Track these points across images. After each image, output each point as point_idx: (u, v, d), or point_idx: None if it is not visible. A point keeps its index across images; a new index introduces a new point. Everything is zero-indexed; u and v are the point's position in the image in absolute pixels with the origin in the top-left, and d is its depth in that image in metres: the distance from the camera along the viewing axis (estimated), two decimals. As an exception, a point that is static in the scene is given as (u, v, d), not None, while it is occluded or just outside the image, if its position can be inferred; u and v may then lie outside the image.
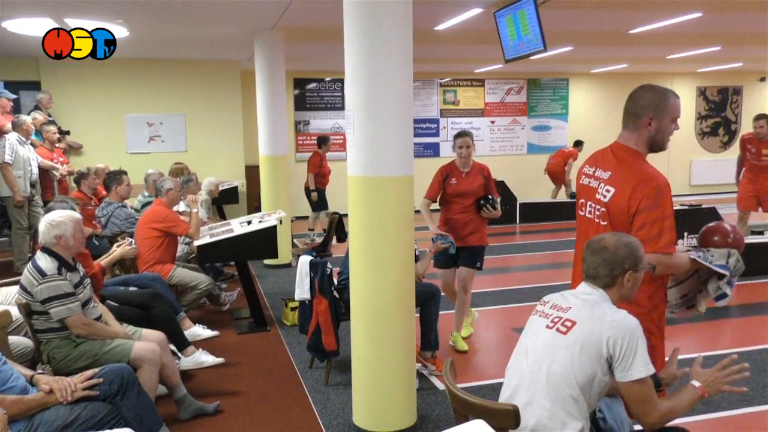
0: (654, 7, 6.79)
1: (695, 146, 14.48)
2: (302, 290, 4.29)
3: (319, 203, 9.42)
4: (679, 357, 4.54)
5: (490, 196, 4.67)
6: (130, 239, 4.64)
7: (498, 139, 13.56)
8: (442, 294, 4.55)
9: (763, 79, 14.79)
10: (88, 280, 3.47)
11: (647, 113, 2.43)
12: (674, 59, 11.68)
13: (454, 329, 4.92)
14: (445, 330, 5.05)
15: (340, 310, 4.16)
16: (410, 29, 3.22)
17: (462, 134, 4.80)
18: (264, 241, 5.18)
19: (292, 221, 8.68)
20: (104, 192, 6.53)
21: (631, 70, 13.40)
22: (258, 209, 8.16)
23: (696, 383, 2.14)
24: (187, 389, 3.69)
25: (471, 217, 4.66)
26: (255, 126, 8.16)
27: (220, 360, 4.35)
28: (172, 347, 4.12)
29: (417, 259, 4.08)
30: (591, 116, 13.64)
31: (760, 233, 7.49)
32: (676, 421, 2.19)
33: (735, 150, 14.90)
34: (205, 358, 4.31)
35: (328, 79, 12.36)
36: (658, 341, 2.44)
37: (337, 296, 4.18)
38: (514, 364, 2.19)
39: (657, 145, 2.48)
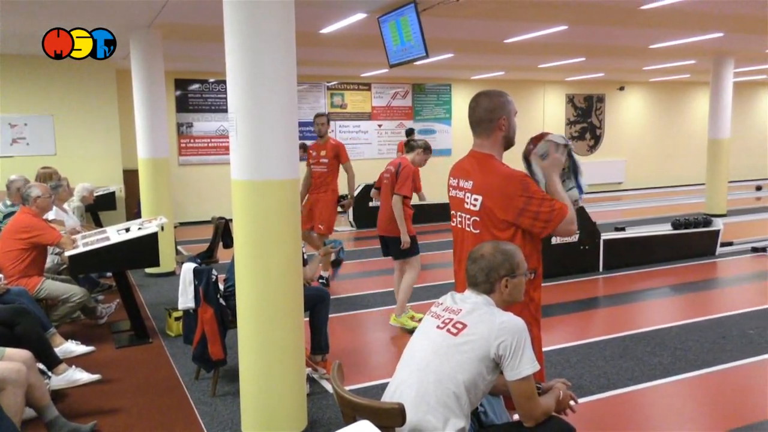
0: (525, 19, 7.23)
1: (566, 149, 15.55)
2: (186, 299, 4.13)
3: None
4: (556, 347, 4.85)
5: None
6: None
7: (386, 142, 13.81)
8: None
9: (621, 88, 16.18)
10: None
11: (500, 115, 2.55)
12: (545, 68, 12.49)
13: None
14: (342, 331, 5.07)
15: (227, 318, 4.05)
16: (293, 31, 3.20)
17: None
18: (144, 249, 4.93)
19: (175, 227, 8.33)
20: (-42, 200, 5.92)
21: (508, 77, 14.17)
22: (138, 215, 7.76)
23: (560, 392, 2.31)
24: (60, 410, 3.43)
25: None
26: (133, 128, 7.76)
27: (97, 377, 4.09)
28: (41, 366, 3.82)
29: (306, 262, 4.07)
30: (472, 121, 14.25)
31: (622, 229, 8.19)
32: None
33: (601, 153, 16.23)
34: (79, 376, 4.02)
35: (211, 80, 12.00)
36: (536, 332, 2.58)
37: (224, 304, 4.07)
38: (403, 361, 2.25)
39: (511, 141, 2.62)
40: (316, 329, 4.29)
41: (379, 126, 13.78)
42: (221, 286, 4.18)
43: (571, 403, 2.35)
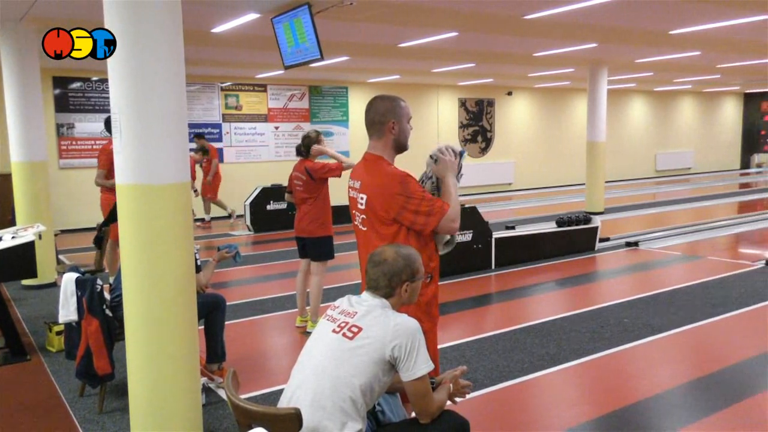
0: (418, 25, 7.42)
1: (460, 152, 16.09)
2: (68, 311, 3.87)
3: None
4: (452, 343, 5.00)
5: None
6: None
7: (283, 144, 13.66)
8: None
9: (509, 93, 16.99)
10: None
11: (390, 118, 2.65)
12: (438, 73, 12.87)
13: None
14: (235, 337, 4.95)
15: (114, 330, 3.84)
16: (180, 29, 3.09)
17: None
18: (19, 260, 4.59)
19: (56, 235, 7.78)
20: None
21: (403, 81, 14.47)
22: (12, 223, 7.18)
23: (450, 385, 2.37)
24: None
25: None
26: (5, 129, 7.17)
27: (-35, 401, 3.75)
28: None
29: (199, 269, 3.94)
30: (369, 123, 14.39)
31: (512, 228, 8.60)
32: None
33: (492, 155, 16.95)
34: (-57, 402, 3.67)
35: (95, 78, 11.32)
36: (428, 326, 2.64)
37: (111, 315, 3.86)
38: (299, 366, 2.23)
39: (401, 145, 2.72)
40: (211, 337, 4.17)
41: (276, 128, 13.61)
42: (107, 296, 3.96)
43: (465, 391, 2.42)
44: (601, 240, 8.79)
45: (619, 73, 13.76)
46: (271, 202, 11.06)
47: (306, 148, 5.31)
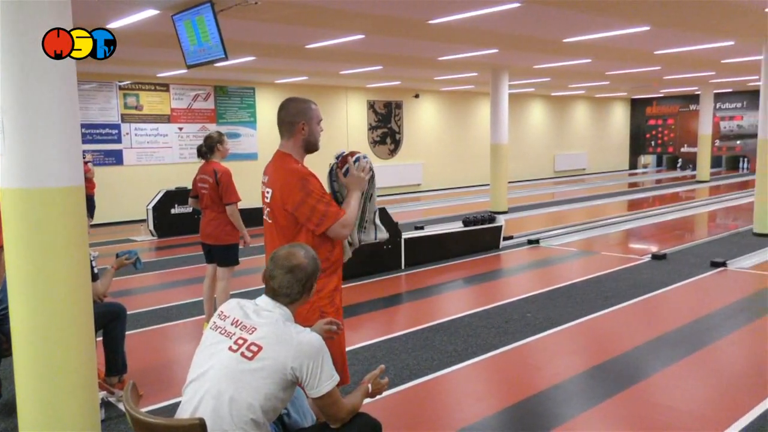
0: (324, 26, 7.41)
1: (368, 153, 16.20)
2: (-55, 328, 3.55)
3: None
4: (364, 344, 5.02)
5: None
6: None
7: (187, 146, 13.22)
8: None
9: (416, 96, 17.32)
10: None
11: (300, 119, 2.76)
12: (347, 75, 12.91)
13: None
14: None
15: (2, 345, 3.56)
16: (69, 22, 2.91)
17: None
18: None
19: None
20: None
21: (312, 82, 14.40)
22: None
23: (369, 385, 2.38)
24: None
25: None
26: None
27: None
28: None
29: (96, 277, 3.74)
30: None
31: (421, 228, 8.77)
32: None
33: (401, 156, 17.21)
34: None
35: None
36: (333, 316, 2.69)
37: (-4, 330, 3.57)
38: (194, 384, 2.11)
39: (312, 146, 2.82)
40: (110, 349, 3.95)
41: (180, 129, 13.15)
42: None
43: (384, 386, 2.44)
44: (505, 238, 9.13)
45: (519, 78, 14.38)
46: (176, 205, 10.66)
47: (209, 149, 5.15)
